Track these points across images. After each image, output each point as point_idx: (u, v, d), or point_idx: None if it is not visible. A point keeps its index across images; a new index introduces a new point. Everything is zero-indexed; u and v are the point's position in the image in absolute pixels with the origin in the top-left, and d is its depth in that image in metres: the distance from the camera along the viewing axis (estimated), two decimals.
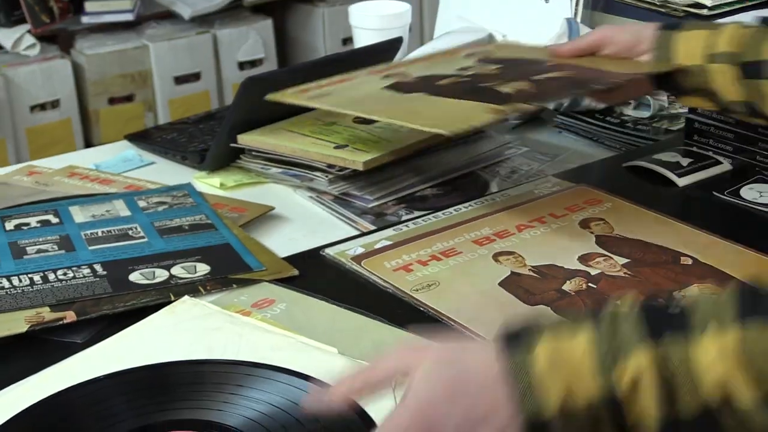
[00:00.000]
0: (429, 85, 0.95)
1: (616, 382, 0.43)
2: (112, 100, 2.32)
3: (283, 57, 2.65)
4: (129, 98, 2.34)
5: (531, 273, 0.77)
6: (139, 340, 0.68)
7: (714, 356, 0.42)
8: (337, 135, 0.97)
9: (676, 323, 0.44)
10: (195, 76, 2.42)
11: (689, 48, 0.81)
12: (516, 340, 0.45)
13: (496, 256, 0.80)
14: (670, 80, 0.84)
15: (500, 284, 0.74)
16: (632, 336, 0.44)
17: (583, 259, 0.78)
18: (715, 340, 0.42)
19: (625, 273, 0.76)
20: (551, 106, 1.10)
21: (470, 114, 0.88)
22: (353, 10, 1.30)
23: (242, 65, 2.48)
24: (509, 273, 0.77)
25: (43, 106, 2.22)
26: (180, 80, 2.41)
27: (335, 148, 0.94)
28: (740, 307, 0.44)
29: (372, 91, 0.94)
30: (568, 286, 0.73)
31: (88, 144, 2.27)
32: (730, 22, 0.87)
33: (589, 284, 0.74)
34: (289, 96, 0.94)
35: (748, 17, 1.18)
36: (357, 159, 0.93)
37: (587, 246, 0.81)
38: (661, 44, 0.83)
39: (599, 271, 0.76)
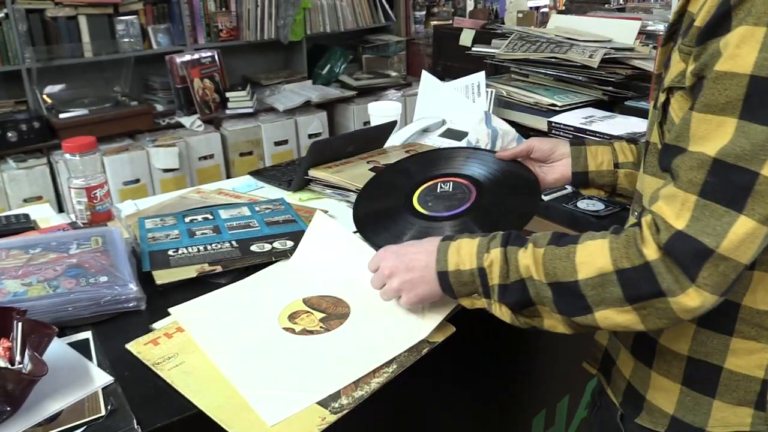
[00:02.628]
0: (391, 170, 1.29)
1: (483, 261, 0.78)
2: (242, 154, 3.43)
3: (332, 131, 3.82)
4: (250, 153, 3.46)
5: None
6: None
7: (528, 259, 0.74)
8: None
9: (518, 241, 0.77)
10: (285, 142, 3.56)
11: (599, 158, 1.02)
12: (447, 238, 0.83)
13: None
14: (581, 179, 1.03)
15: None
16: (497, 242, 0.78)
17: (292, 317, 0.88)
18: (530, 251, 0.75)
19: (320, 327, 0.87)
20: None
21: None
22: (370, 107, 1.79)
23: (310, 136, 3.64)
24: None
25: (205, 157, 3.32)
26: (277, 144, 3.53)
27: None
28: (550, 238, 0.75)
29: (362, 171, 1.35)
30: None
31: (228, 177, 3.26)
32: (614, 141, 1.04)
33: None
34: (322, 170, 1.38)
35: (585, 112, 1.65)
36: None
37: (296, 305, 0.91)
38: (577, 156, 1.03)
39: (302, 327, 0.86)
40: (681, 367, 0.77)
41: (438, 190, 1.10)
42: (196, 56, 3.43)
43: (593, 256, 0.70)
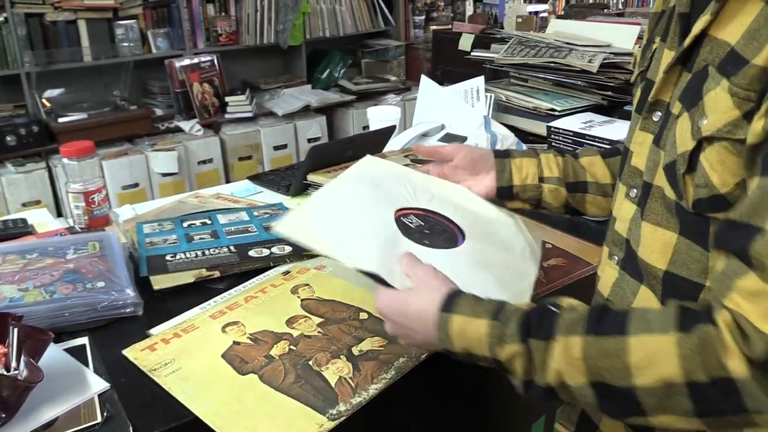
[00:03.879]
0: None
1: (498, 355, 0.63)
2: (241, 159, 3.42)
3: (331, 136, 3.81)
4: (249, 158, 3.44)
5: (247, 340, 0.82)
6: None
7: (561, 362, 0.58)
8: None
9: (541, 330, 0.60)
10: (284, 146, 3.55)
11: (524, 171, 0.95)
12: (447, 303, 0.66)
13: (224, 327, 0.86)
14: (505, 193, 0.96)
15: (222, 356, 0.79)
16: (514, 333, 0.61)
17: (290, 321, 0.87)
18: (561, 346, 0.58)
19: (318, 332, 0.85)
20: None
21: None
22: (369, 111, 1.81)
23: (309, 140, 3.62)
24: (231, 343, 0.82)
25: (204, 162, 3.30)
26: (276, 148, 3.52)
27: None
28: (587, 322, 0.59)
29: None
30: (275, 351, 0.80)
31: (227, 181, 3.22)
32: (541, 152, 0.97)
33: (291, 347, 0.81)
34: (321, 175, 1.36)
35: (585, 117, 1.63)
36: None
37: (294, 310, 0.90)
38: (502, 169, 0.96)
39: (300, 332, 0.84)
40: None
41: (413, 226, 0.88)
42: (196, 60, 3.42)
43: (655, 360, 0.55)
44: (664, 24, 0.74)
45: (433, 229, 0.87)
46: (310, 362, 0.79)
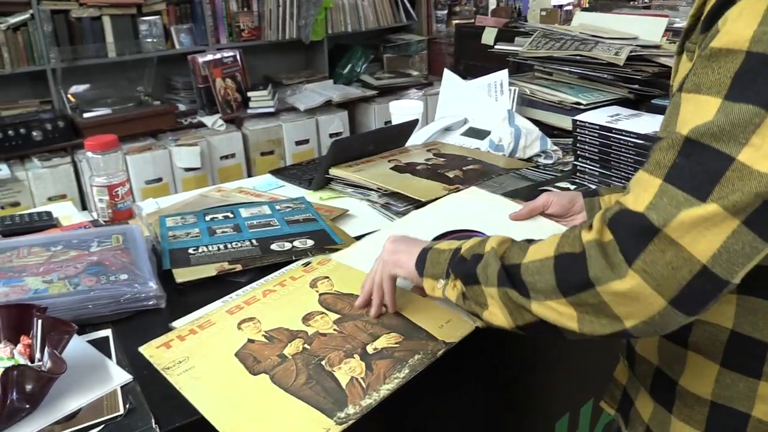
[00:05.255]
0: (412, 169, 1.37)
1: (464, 244, 0.75)
2: (263, 154, 3.45)
3: (353, 131, 3.82)
4: (271, 152, 3.47)
5: (262, 338, 0.82)
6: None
7: (494, 242, 0.71)
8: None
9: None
10: (306, 141, 3.56)
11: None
12: (425, 252, 0.79)
13: (240, 324, 0.85)
14: None
15: (236, 354, 0.79)
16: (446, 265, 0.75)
17: (306, 318, 0.85)
18: (499, 239, 0.71)
19: (334, 330, 0.84)
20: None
21: (433, 189, 1.25)
22: (391, 105, 1.85)
23: (331, 135, 3.62)
24: (246, 341, 0.81)
25: (226, 156, 3.34)
26: (298, 143, 3.54)
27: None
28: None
29: (383, 170, 1.36)
30: (288, 350, 0.79)
31: (249, 176, 3.15)
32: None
33: (305, 345, 0.80)
34: (343, 169, 1.37)
35: (611, 110, 1.53)
36: (389, 186, 1.27)
37: (311, 305, 0.89)
38: (590, 208, 0.98)
39: (315, 330, 0.83)
40: (704, 413, 0.69)
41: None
42: (218, 56, 3.44)
43: (545, 243, 0.65)
44: None
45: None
46: (323, 362, 0.78)
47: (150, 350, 0.81)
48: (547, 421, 1.27)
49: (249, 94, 3.51)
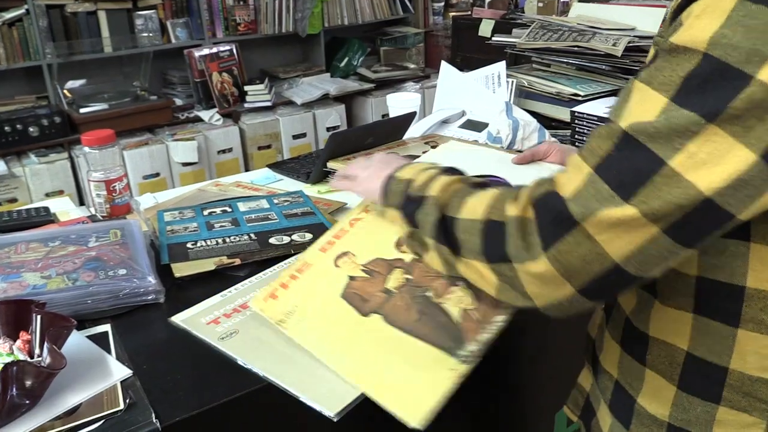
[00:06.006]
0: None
1: (417, 176, 0.75)
2: (260, 148, 3.43)
3: (350, 124, 3.81)
4: (268, 147, 3.46)
5: (362, 274, 0.80)
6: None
7: (442, 182, 0.71)
8: None
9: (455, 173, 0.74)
10: (303, 135, 3.55)
11: None
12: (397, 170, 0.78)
13: (336, 260, 0.83)
14: None
15: (342, 296, 0.78)
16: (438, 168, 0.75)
17: (398, 244, 0.82)
18: (448, 179, 0.71)
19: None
20: None
21: None
22: (389, 98, 1.82)
23: (328, 129, 3.62)
24: (347, 279, 0.79)
25: (223, 151, 3.32)
26: (296, 137, 3.52)
27: None
28: (476, 180, 0.71)
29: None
30: (391, 284, 0.77)
31: (247, 170, 3.26)
32: None
33: (406, 275, 0.78)
34: (342, 162, 1.36)
35: (610, 101, 1.58)
36: None
37: (397, 232, 0.80)
38: None
39: (411, 256, 0.79)
40: None
41: None
42: (215, 50, 3.43)
43: (481, 201, 0.64)
44: None
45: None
46: (429, 293, 0.75)
47: (259, 304, 0.81)
48: (547, 413, 1.27)
49: (246, 88, 3.49)
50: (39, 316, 0.74)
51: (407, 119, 1.60)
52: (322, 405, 0.69)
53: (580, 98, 1.66)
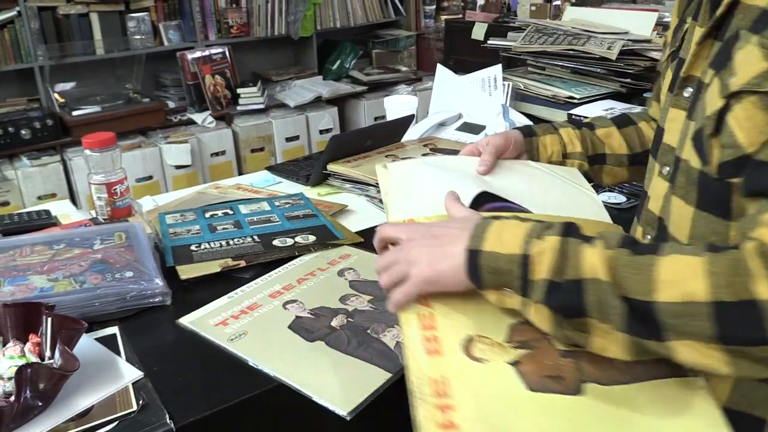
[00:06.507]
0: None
1: (531, 248, 0.59)
2: (253, 150, 3.42)
3: (343, 126, 3.83)
4: (261, 149, 3.44)
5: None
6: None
7: (595, 257, 0.56)
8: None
9: (583, 236, 0.59)
10: (296, 138, 3.54)
11: (549, 149, 0.96)
12: (488, 217, 0.64)
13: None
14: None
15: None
16: (554, 230, 0.60)
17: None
18: (598, 249, 0.57)
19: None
20: None
21: None
22: (386, 101, 1.81)
23: (321, 132, 3.63)
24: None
25: (217, 154, 3.31)
26: (288, 140, 3.52)
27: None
28: (622, 240, 0.58)
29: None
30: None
31: (240, 173, 3.28)
32: (560, 128, 0.98)
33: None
34: (341, 165, 1.38)
35: (605, 104, 1.64)
36: None
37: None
38: (530, 147, 0.96)
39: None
40: None
41: None
42: (207, 53, 3.42)
43: (683, 276, 0.53)
44: (695, 4, 0.75)
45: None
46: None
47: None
48: None
49: (238, 90, 3.49)
50: (49, 319, 0.74)
51: (405, 122, 1.61)
52: (335, 404, 0.70)
53: (575, 101, 1.68)
